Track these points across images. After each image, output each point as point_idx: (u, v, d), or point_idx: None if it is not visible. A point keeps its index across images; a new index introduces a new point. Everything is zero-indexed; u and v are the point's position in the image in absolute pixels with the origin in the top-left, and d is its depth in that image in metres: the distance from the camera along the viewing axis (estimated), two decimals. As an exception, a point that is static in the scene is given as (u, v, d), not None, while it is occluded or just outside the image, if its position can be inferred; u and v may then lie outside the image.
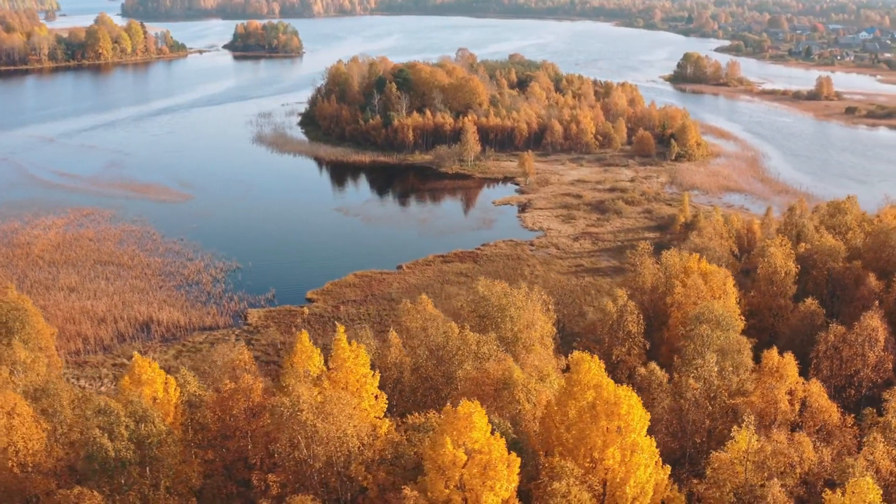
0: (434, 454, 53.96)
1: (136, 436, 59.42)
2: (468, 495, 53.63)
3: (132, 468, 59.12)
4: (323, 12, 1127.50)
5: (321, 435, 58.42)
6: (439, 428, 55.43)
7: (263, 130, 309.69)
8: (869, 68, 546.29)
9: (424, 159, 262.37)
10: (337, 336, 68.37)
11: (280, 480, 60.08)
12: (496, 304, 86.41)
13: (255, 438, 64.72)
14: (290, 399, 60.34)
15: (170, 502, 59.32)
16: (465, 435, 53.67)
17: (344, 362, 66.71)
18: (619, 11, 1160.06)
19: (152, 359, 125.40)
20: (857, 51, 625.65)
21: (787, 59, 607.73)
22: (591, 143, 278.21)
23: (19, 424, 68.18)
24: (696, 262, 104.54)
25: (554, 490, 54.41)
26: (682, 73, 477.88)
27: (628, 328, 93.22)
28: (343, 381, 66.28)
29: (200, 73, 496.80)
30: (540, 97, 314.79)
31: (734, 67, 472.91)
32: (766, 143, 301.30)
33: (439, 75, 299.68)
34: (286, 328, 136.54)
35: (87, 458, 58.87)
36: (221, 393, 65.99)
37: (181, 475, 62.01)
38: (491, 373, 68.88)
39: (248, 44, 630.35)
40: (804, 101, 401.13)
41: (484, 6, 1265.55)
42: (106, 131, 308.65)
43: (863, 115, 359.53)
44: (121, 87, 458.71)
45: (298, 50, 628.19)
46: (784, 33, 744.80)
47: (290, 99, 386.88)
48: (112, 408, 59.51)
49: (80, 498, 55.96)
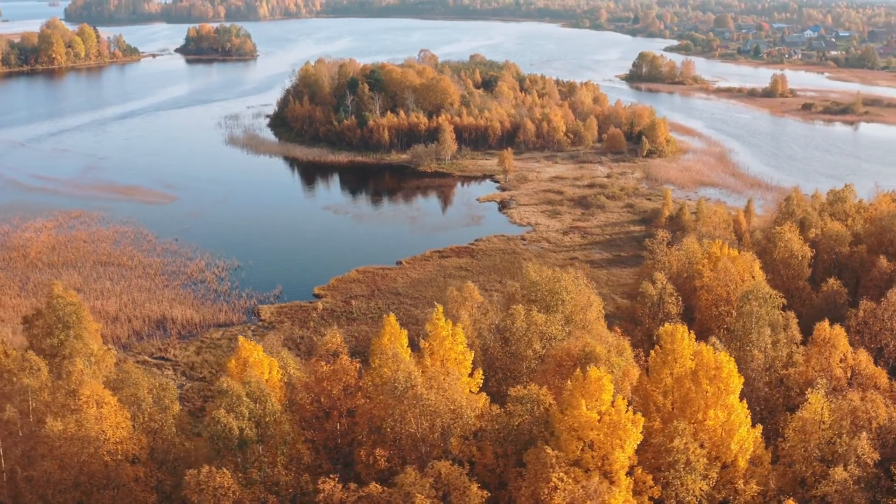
0: (569, 417, 57.58)
1: (255, 415, 61.79)
2: (597, 454, 57.33)
3: (254, 447, 61.44)
4: (269, 15, 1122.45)
5: (436, 408, 61.43)
6: (572, 392, 58.98)
7: (234, 132, 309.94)
8: (817, 66, 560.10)
9: (401, 159, 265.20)
10: (436, 315, 71.42)
11: (386, 455, 62.90)
12: (548, 288, 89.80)
13: (359, 416, 67.35)
14: (403, 374, 63.20)
15: (287, 479, 61.70)
16: (595, 398, 57.37)
17: (443, 341, 69.86)
18: (564, 12, 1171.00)
19: (173, 355, 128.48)
20: (803, 49, 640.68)
21: (736, 57, 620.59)
22: (563, 141, 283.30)
23: (108, 414, 70.13)
24: (719, 247, 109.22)
25: (673, 447, 58.46)
26: (638, 73, 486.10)
27: (668, 309, 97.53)
28: (442, 357, 69.45)
29: (157, 77, 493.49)
30: (508, 97, 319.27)
31: (689, 66, 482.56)
32: (730, 139, 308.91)
33: (410, 76, 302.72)
34: (301, 323, 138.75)
35: (213, 438, 60.96)
36: (317, 374, 68.50)
37: (294, 453, 64.47)
38: (571, 350, 72.36)
39: (202, 47, 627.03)
40: (760, 99, 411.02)
41: (429, 8, 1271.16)
42: (75, 135, 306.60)
43: (819, 112, 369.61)
44: (79, 91, 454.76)
45: (252, 53, 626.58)
46: (730, 32, 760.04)
47: (254, 101, 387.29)
48: (234, 388, 61.73)
49: (210, 477, 58.05)
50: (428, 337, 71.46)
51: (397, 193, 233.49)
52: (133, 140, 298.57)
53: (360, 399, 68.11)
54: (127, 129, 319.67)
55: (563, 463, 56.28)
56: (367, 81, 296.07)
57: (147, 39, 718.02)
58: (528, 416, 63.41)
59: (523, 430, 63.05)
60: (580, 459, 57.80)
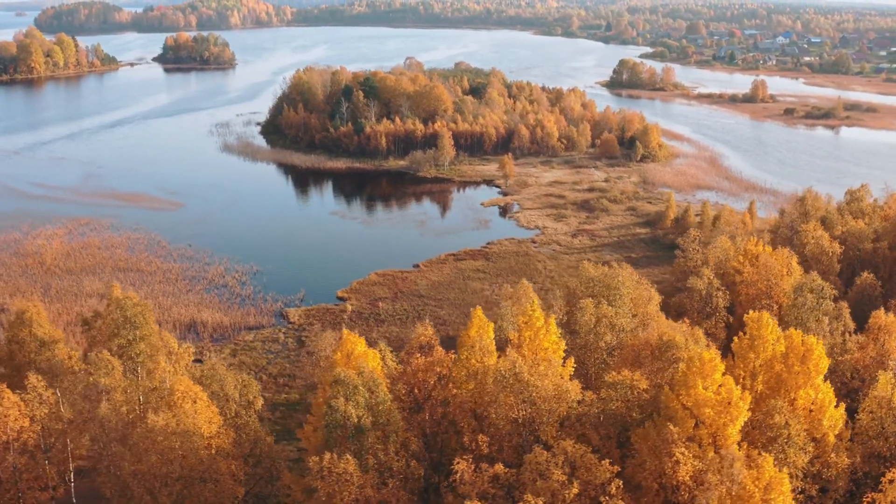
0: (683, 396, 60.81)
1: (369, 403, 63.76)
2: (708, 430, 60.27)
3: (370, 433, 63.34)
4: (240, 24, 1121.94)
5: (542, 394, 63.83)
6: (685, 374, 62.04)
7: (228, 140, 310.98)
8: (792, 71, 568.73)
9: (399, 165, 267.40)
10: (532, 306, 73.85)
11: (487, 441, 65.14)
12: (606, 283, 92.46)
13: (454, 405, 69.49)
14: (509, 363, 65.52)
15: (399, 465, 63.70)
16: (709, 378, 60.35)
17: (538, 331, 72.30)
18: (535, 20, 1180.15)
19: (210, 357, 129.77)
20: (777, 55, 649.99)
21: (711, 63, 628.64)
22: (557, 147, 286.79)
23: (202, 409, 71.84)
24: (755, 244, 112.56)
25: (774, 423, 61.70)
26: (619, 79, 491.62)
27: (716, 303, 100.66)
28: (535, 348, 71.90)
29: (138, 86, 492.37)
30: (499, 103, 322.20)
31: (669, 72, 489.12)
32: (718, 143, 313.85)
33: (404, 83, 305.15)
34: (332, 324, 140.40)
35: (330, 426, 62.74)
36: (413, 365, 70.54)
37: (404, 440, 66.49)
38: (649, 339, 75.10)
39: (180, 56, 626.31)
40: (741, 104, 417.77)
41: (400, 16, 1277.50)
42: (67, 144, 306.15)
43: (801, 116, 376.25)
44: (62, 100, 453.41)
45: (231, 61, 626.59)
46: (703, 39, 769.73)
47: (242, 109, 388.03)
48: (351, 378, 63.59)
49: (333, 463, 59.85)
50: (521, 328, 73.89)
51: (401, 198, 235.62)
52: (127, 149, 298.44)
53: (452, 389, 70.32)
54: (118, 138, 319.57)
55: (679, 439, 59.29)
56: (362, 89, 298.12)
57: (121, 49, 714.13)
58: (622, 402, 66.22)
59: (619, 413, 65.95)
60: (693, 436, 60.88)
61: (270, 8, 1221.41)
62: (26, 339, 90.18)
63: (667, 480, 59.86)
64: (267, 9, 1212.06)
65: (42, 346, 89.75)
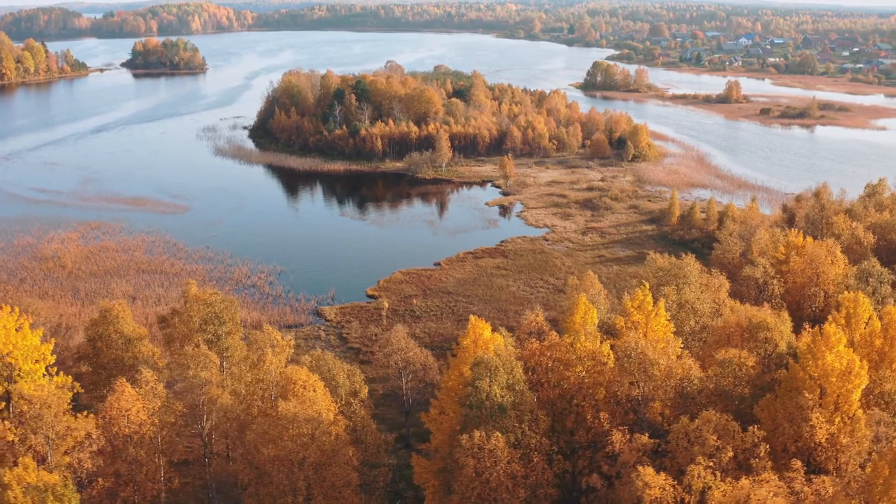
0: (811, 367, 65.30)
1: (509, 383, 66.54)
2: (830, 398, 64.38)
3: (510, 412, 66.06)
4: (201, 29, 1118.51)
5: (666, 372, 67.27)
6: (811, 347, 66.50)
7: (218, 144, 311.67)
8: (758, 72, 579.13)
9: (396, 167, 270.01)
10: (642, 292, 77.13)
11: (608, 418, 68.34)
12: (674, 273, 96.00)
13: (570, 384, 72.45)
14: (630, 343, 68.78)
15: (535, 441, 66.52)
16: (834, 350, 64.19)
17: (649, 314, 75.63)
18: (496, 23, 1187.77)
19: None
20: (743, 56, 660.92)
21: (679, 65, 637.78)
22: (549, 148, 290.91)
23: (320, 397, 74.10)
24: (795, 235, 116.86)
25: (886, 390, 65.88)
26: (593, 81, 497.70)
27: (771, 290, 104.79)
28: (646, 330, 75.31)
29: (112, 91, 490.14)
30: (486, 105, 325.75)
31: (642, 74, 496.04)
32: (702, 143, 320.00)
33: (395, 86, 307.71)
34: (370, 321, 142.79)
35: (474, 406, 65.35)
36: (530, 349, 73.34)
37: (535, 418, 69.21)
38: (739, 321, 78.91)
39: (149, 61, 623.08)
40: (716, 105, 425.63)
41: (362, 20, 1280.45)
42: (56, 149, 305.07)
43: (777, 116, 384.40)
44: (38, 106, 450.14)
45: (202, 66, 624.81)
46: (668, 41, 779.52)
47: (223, 114, 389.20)
48: (493, 361, 66.27)
49: (483, 441, 62.49)
50: (630, 313, 77.15)
51: (406, 200, 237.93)
52: (119, 154, 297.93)
53: (563, 371, 73.35)
54: (106, 143, 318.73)
55: (814, 405, 63.47)
56: (354, 91, 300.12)
57: (84, 55, 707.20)
58: (732, 378, 70.07)
59: (728, 388, 69.79)
60: (819, 404, 64.95)
61: (231, 13, 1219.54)
62: (112, 336, 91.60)
63: (803, 444, 63.81)
64: (227, 13, 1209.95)
65: (128, 343, 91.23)
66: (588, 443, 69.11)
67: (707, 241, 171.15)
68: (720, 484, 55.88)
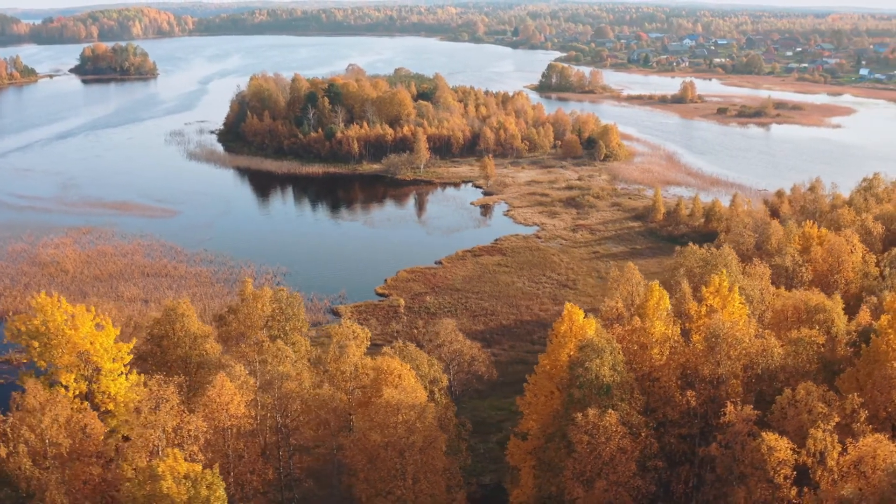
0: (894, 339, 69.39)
1: (611, 364, 69.92)
2: None
3: (614, 392, 69.45)
4: (142, 34, 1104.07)
5: (751, 350, 71.66)
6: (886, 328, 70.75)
7: (189, 148, 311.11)
8: (706, 73, 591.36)
9: (374, 168, 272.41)
10: (720, 277, 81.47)
11: (695, 395, 72.36)
12: (714, 262, 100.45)
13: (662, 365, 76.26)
14: (715, 324, 72.74)
15: (635, 418, 70.09)
16: None
17: (726, 298, 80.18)
18: (438, 27, 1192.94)
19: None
20: (688, 57, 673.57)
21: (627, 66, 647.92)
22: (521, 148, 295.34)
23: (409, 386, 76.83)
24: (810, 227, 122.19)
25: None
26: (548, 82, 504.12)
27: (801, 276, 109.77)
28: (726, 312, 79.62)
29: (65, 97, 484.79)
30: (454, 107, 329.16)
31: (597, 76, 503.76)
32: (667, 142, 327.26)
33: (367, 89, 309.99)
34: (387, 318, 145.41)
35: (582, 386, 68.56)
36: (617, 334, 76.81)
37: (634, 397, 72.67)
38: (797, 304, 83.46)
39: (99, 67, 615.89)
40: (672, 105, 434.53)
41: (303, 24, 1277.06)
42: (24, 155, 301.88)
43: (734, 115, 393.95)
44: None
45: (153, 71, 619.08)
46: (613, 42, 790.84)
47: (185, 118, 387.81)
48: (600, 344, 69.60)
49: (599, 418, 65.84)
50: (706, 297, 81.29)
51: (390, 201, 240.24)
52: (91, 159, 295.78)
53: (642, 353, 77.14)
54: (74, 149, 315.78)
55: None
56: (327, 95, 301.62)
57: (27, 61, 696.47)
58: (803, 355, 74.55)
59: (803, 364, 74.40)
60: None
61: (171, 17, 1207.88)
62: (179, 334, 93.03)
63: (893, 409, 68.54)
64: (168, 18, 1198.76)
65: (195, 341, 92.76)
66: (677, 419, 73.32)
67: (695, 237, 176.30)
68: (838, 445, 60.39)
